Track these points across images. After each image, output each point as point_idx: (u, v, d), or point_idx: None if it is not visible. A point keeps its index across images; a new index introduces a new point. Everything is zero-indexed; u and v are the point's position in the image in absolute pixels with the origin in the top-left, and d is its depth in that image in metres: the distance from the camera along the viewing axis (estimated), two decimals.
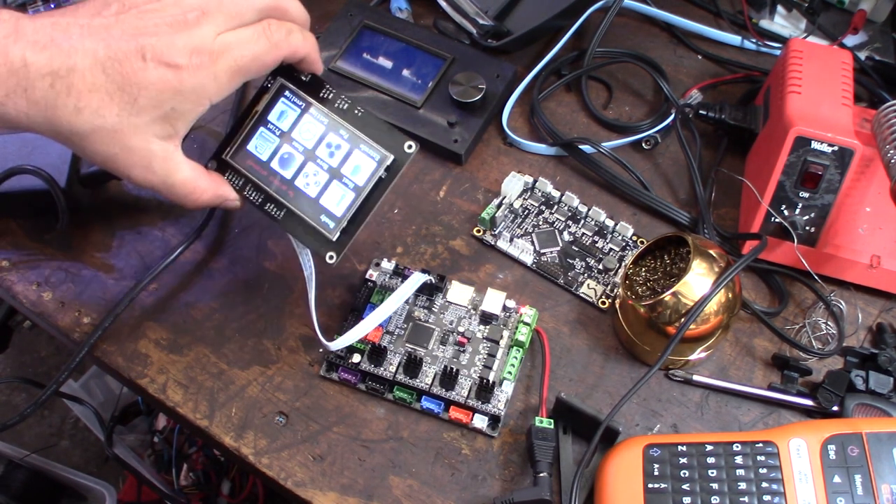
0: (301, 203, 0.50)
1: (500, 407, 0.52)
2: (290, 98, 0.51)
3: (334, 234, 0.50)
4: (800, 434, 0.48)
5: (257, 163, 0.51)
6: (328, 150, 0.50)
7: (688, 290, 0.50)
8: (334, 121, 0.50)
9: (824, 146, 0.54)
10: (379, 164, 0.50)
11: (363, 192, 0.50)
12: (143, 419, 1.15)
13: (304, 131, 0.51)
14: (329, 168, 0.50)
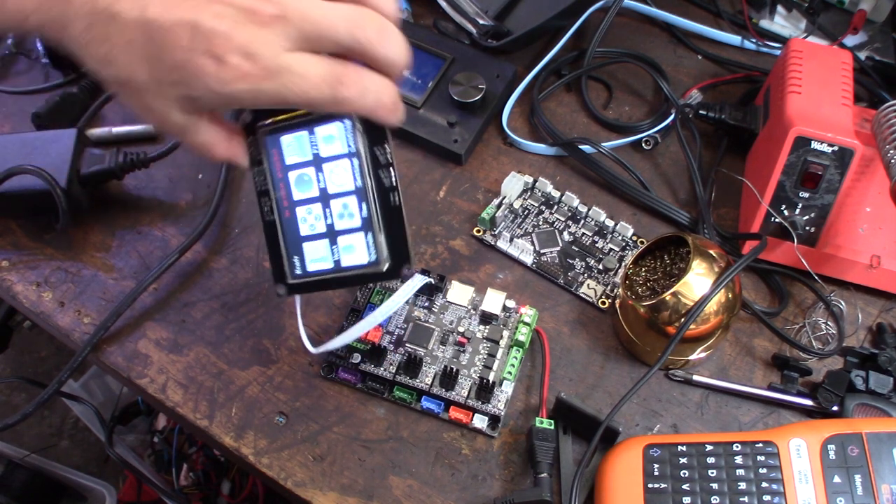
0: (289, 229, 0.46)
1: (500, 407, 0.52)
2: (348, 132, 0.44)
3: (293, 278, 0.46)
4: (800, 434, 0.48)
5: (279, 158, 0.45)
6: (341, 209, 0.45)
7: (688, 290, 0.50)
8: (366, 189, 0.44)
9: (824, 146, 0.54)
10: (370, 263, 0.44)
11: (339, 273, 0.45)
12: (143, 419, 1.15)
13: (335, 173, 0.44)
14: (329, 226, 0.45)
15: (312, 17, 0.37)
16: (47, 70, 0.71)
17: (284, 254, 0.46)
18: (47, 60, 0.69)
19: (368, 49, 0.39)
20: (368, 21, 0.38)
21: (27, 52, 0.72)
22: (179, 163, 0.65)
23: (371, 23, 0.38)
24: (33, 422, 1.33)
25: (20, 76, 0.71)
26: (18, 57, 0.72)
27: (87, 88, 0.68)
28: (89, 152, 0.60)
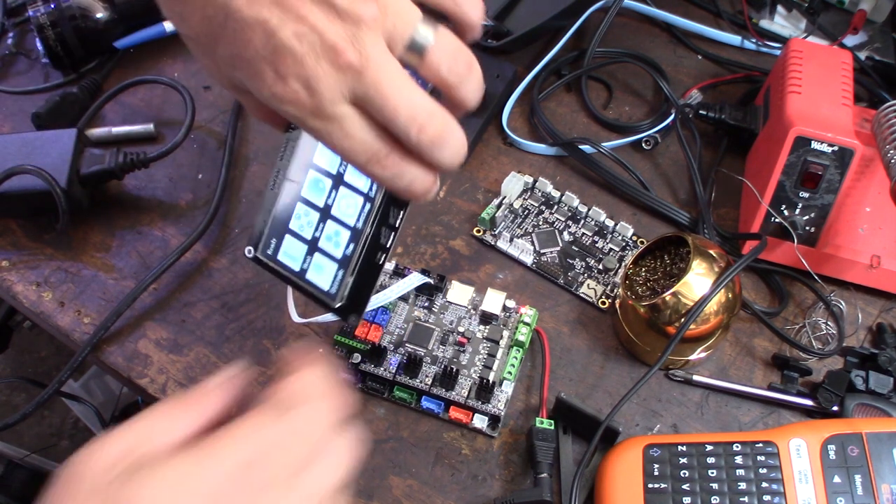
0: (283, 214, 0.45)
1: (500, 407, 0.52)
2: None
3: (262, 254, 0.45)
4: (800, 434, 0.48)
5: (309, 151, 0.45)
6: (332, 233, 0.44)
7: (688, 290, 0.50)
8: (362, 234, 0.43)
9: (824, 146, 0.54)
10: (326, 293, 0.43)
11: (299, 280, 0.44)
12: None
13: (345, 201, 0.44)
14: (314, 238, 0.44)
15: (384, 89, 0.35)
16: (47, 70, 0.71)
17: (267, 230, 0.46)
18: (47, 60, 0.69)
19: (419, 148, 0.36)
20: (431, 122, 0.36)
21: (27, 52, 0.72)
22: (179, 163, 0.65)
23: (433, 125, 0.36)
24: (33, 422, 1.33)
25: (20, 76, 0.71)
26: (18, 57, 0.72)
27: (87, 88, 0.68)
28: (89, 152, 0.60)
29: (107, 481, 0.28)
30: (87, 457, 0.29)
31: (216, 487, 0.28)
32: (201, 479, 0.29)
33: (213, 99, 0.69)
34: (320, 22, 0.34)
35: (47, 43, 0.67)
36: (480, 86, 0.38)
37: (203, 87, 0.69)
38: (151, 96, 0.69)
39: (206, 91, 0.69)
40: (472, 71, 0.37)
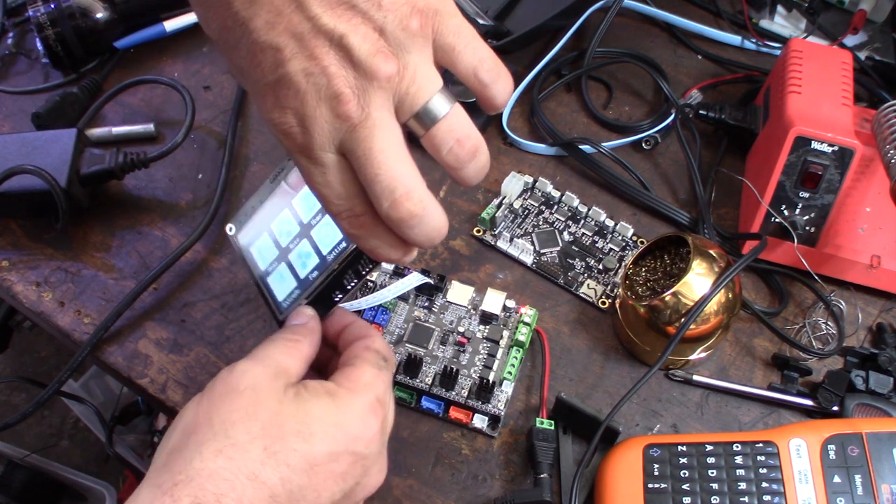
0: (269, 211, 0.47)
1: (500, 407, 0.52)
2: (246, 235, 0.47)
3: (238, 237, 0.48)
4: (800, 434, 0.48)
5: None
6: (302, 252, 0.45)
7: (688, 290, 0.50)
8: (328, 268, 0.43)
9: (824, 146, 0.54)
10: (277, 304, 0.45)
11: (259, 281, 0.46)
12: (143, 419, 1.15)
13: (325, 229, 0.45)
14: (286, 249, 0.45)
15: (372, 152, 0.34)
16: (47, 70, 0.71)
17: (251, 220, 0.47)
18: (47, 60, 0.69)
19: (388, 221, 0.36)
20: (407, 200, 0.35)
21: (27, 52, 0.72)
22: (179, 163, 0.65)
23: (408, 204, 0.35)
24: (33, 422, 1.33)
25: (20, 76, 0.71)
26: (18, 57, 0.72)
27: (87, 88, 0.68)
28: (89, 152, 0.60)
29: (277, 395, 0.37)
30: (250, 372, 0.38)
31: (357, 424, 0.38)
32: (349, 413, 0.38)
33: (213, 99, 0.69)
34: (333, 66, 0.33)
35: (47, 43, 0.67)
36: (483, 169, 0.39)
37: (203, 87, 0.69)
38: (151, 96, 0.69)
39: (206, 91, 0.69)
40: (476, 157, 0.38)
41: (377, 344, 0.43)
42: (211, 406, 0.36)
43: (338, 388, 0.39)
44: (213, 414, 0.36)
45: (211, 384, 0.38)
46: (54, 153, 0.58)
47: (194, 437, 0.35)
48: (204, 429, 0.35)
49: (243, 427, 0.35)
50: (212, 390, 0.37)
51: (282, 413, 0.36)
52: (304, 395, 0.38)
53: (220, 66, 0.71)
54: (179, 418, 0.37)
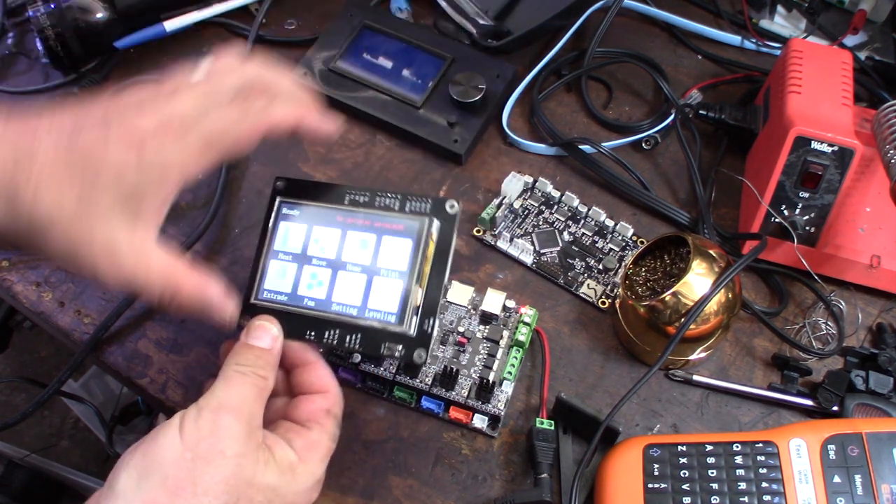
0: (352, 316, 0.45)
1: (499, 407, 0.52)
2: (291, 216, 0.47)
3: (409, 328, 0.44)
4: (800, 434, 0.48)
5: (286, 297, 0.46)
6: (355, 251, 0.46)
7: (688, 290, 0.50)
8: (349, 218, 0.46)
9: (824, 146, 0.54)
10: (416, 240, 0.45)
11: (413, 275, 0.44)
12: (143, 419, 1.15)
13: (321, 243, 0.46)
14: (364, 268, 0.45)
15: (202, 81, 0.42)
16: (47, 70, 0.71)
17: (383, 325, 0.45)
18: (47, 60, 0.69)
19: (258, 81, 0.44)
20: None
21: (27, 52, 0.72)
22: None
23: None
24: (33, 422, 1.33)
25: (20, 76, 0.71)
26: (18, 57, 0.72)
27: (87, 88, 0.68)
28: None
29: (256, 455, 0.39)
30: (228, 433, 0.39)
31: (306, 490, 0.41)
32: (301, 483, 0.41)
33: None
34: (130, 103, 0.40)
35: (47, 43, 0.67)
36: None
37: None
38: None
39: None
40: None
41: (337, 408, 0.44)
42: (195, 465, 0.37)
43: (298, 464, 0.40)
44: (197, 476, 0.37)
45: (191, 427, 0.39)
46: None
47: (182, 497, 0.36)
48: (188, 491, 0.36)
49: (225, 497, 0.37)
50: (196, 441, 0.38)
51: (254, 486, 0.38)
52: (272, 465, 0.39)
53: None
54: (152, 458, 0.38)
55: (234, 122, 0.41)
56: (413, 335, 0.43)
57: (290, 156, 0.66)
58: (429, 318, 0.43)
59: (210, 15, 0.72)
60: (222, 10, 0.72)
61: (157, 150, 0.39)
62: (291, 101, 0.44)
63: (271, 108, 0.42)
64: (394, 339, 0.44)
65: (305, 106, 0.44)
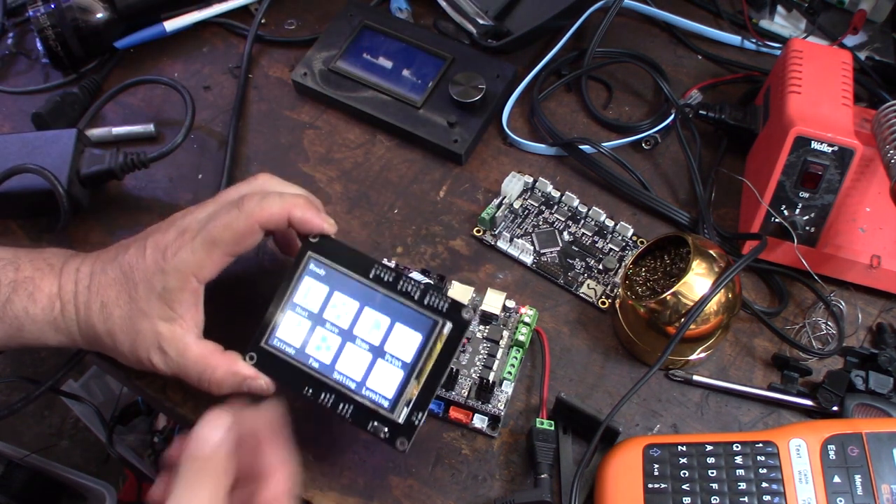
0: (349, 388, 0.47)
1: (499, 407, 0.52)
2: (316, 273, 0.49)
3: (399, 417, 0.45)
4: (800, 434, 0.48)
5: (294, 352, 0.48)
6: (367, 328, 0.47)
7: (688, 290, 0.50)
8: (369, 293, 0.47)
9: (824, 146, 0.54)
10: (426, 337, 0.46)
11: (415, 369, 0.46)
12: (143, 419, 1.15)
13: (338, 309, 0.48)
14: (371, 347, 0.47)
15: (221, 197, 0.50)
16: (47, 70, 0.71)
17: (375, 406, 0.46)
18: (47, 60, 0.69)
19: (258, 190, 0.50)
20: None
21: (27, 52, 0.72)
22: (179, 163, 0.65)
23: None
24: (33, 422, 1.33)
25: (20, 76, 0.71)
26: (18, 57, 0.72)
27: (87, 88, 0.68)
28: (89, 152, 0.60)
29: None
30: None
31: None
32: None
33: (213, 99, 0.69)
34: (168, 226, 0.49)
35: (47, 43, 0.67)
36: None
37: (203, 87, 0.70)
38: (151, 96, 0.69)
39: (206, 91, 0.70)
40: None
41: (288, 491, 0.43)
42: None
43: None
44: None
45: None
46: (54, 153, 0.58)
47: None
48: None
49: None
50: None
51: None
52: None
53: (220, 66, 0.71)
54: None
55: (231, 221, 0.47)
56: (401, 423, 0.45)
57: (290, 156, 0.66)
58: (418, 413, 0.45)
59: (210, 15, 0.72)
60: (222, 10, 0.72)
61: (173, 254, 0.47)
62: (282, 196, 0.48)
63: (264, 202, 0.47)
64: (382, 422, 0.46)
65: (293, 202, 0.48)
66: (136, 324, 0.48)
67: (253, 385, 0.49)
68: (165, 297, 0.47)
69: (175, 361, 0.48)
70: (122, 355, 0.49)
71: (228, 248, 0.48)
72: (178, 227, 0.48)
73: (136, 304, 0.47)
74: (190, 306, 0.48)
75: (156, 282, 0.47)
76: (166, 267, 0.47)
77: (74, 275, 0.49)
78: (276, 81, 0.70)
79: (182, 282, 0.47)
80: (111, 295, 0.48)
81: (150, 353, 0.48)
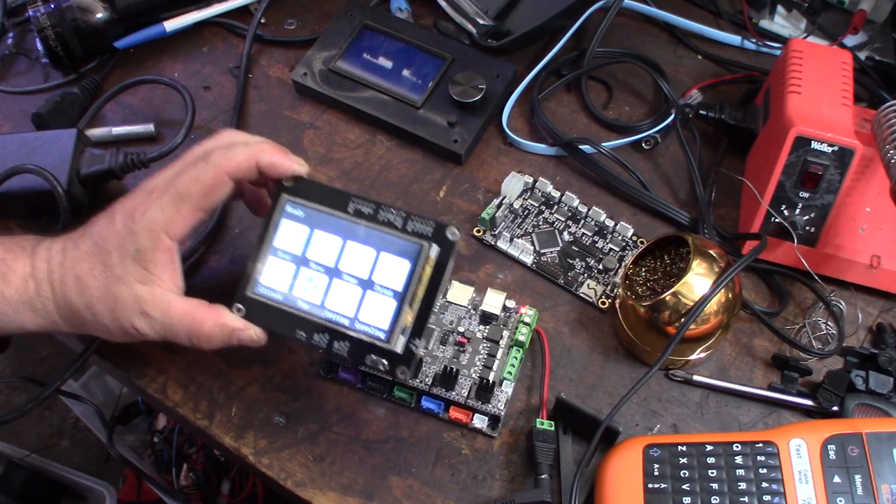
0: (343, 325, 0.46)
1: (499, 407, 0.52)
2: (294, 215, 0.48)
3: (396, 346, 0.45)
4: (800, 434, 0.48)
5: (281, 297, 0.48)
6: (352, 263, 0.47)
7: (688, 290, 0.50)
8: (351, 227, 0.47)
9: (824, 146, 0.54)
10: (414, 262, 0.45)
11: (407, 296, 0.45)
12: (143, 419, 1.15)
13: (320, 248, 0.47)
14: (359, 281, 0.46)
15: (186, 154, 0.49)
16: (47, 70, 0.71)
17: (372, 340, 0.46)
18: (47, 60, 0.69)
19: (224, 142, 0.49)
20: None
21: (27, 52, 0.72)
22: None
23: None
24: (33, 422, 1.33)
25: (20, 76, 0.71)
26: (18, 57, 0.72)
27: (87, 88, 0.68)
28: (89, 152, 0.60)
29: None
30: None
31: None
32: None
33: (213, 99, 0.69)
34: None
35: (47, 43, 0.67)
36: None
37: (203, 87, 0.70)
38: (151, 96, 0.69)
39: (206, 91, 0.70)
40: None
41: None
42: None
43: None
44: None
45: None
46: (54, 153, 0.58)
47: None
48: None
49: None
50: None
51: None
52: None
53: (220, 66, 0.71)
54: None
55: (199, 174, 0.47)
56: (400, 353, 0.45)
57: None
58: (415, 339, 0.45)
59: (210, 15, 0.72)
60: (222, 10, 0.72)
61: (142, 214, 0.46)
62: (247, 144, 0.48)
63: (230, 152, 0.47)
64: (380, 354, 0.45)
65: (260, 148, 0.48)
66: (114, 291, 0.46)
67: (243, 336, 0.48)
68: (139, 258, 0.46)
69: (160, 322, 0.47)
70: (105, 328, 0.48)
71: (198, 202, 0.47)
72: (144, 190, 0.47)
73: (112, 271, 0.46)
74: (166, 265, 0.47)
75: (128, 245, 0.46)
76: (136, 228, 0.46)
77: (46, 254, 0.48)
78: (276, 81, 0.70)
79: (154, 241, 0.46)
80: (85, 268, 0.47)
81: (133, 319, 0.47)
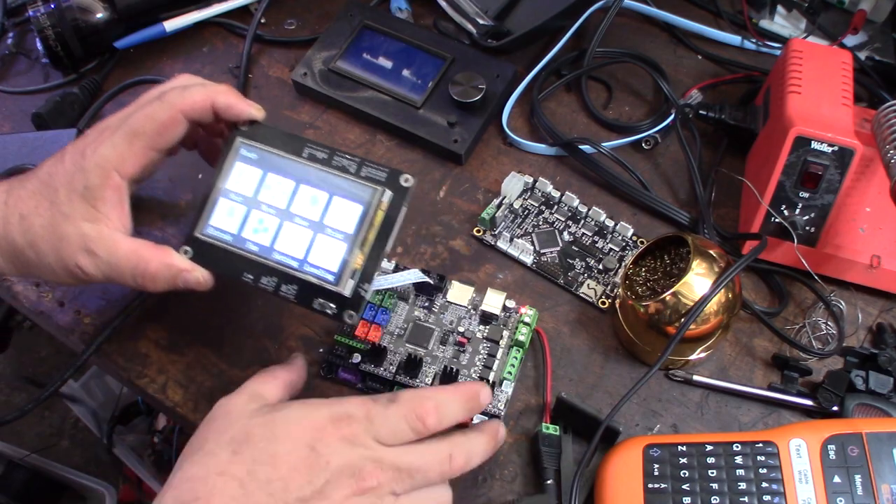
0: (291, 267, 0.46)
1: (500, 407, 0.52)
2: (248, 157, 0.48)
3: (345, 289, 0.45)
4: (800, 434, 0.48)
5: (230, 238, 0.48)
6: (305, 206, 0.47)
7: (688, 290, 0.50)
8: (305, 171, 0.47)
9: (824, 146, 0.54)
10: (366, 207, 0.46)
11: (357, 239, 0.45)
12: (143, 419, 1.15)
13: (273, 191, 0.47)
14: (311, 223, 0.46)
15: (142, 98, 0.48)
16: (47, 70, 0.71)
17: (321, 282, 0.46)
18: (47, 60, 0.69)
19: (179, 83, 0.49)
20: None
21: (27, 52, 0.72)
22: (179, 163, 0.65)
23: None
24: (33, 422, 1.33)
25: (20, 76, 0.71)
26: (18, 57, 0.72)
27: (87, 88, 0.68)
28: None
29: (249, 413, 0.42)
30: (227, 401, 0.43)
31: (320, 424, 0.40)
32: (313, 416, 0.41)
33: None
34: None
35: (47, 43, 0.67)
36: None
37: None
38: None
39: None
40: None
41: None
42: (197, 433, 0.42)
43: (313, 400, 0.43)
44: (195, 438, 0.42)
45: None
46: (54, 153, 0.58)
47: (182, 458, 0.41)
48: (188, 450, 0.41)
49: (214, 440, 0.41)
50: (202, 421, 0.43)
51: (250, 425, 0.41)
52: (277, 407, 0.42)
53: (220, 66, 0.71)
54: None
55: (153, 111, 0.46)
56: (348, 296, 0.45)
57: None
58: (365, 284, 0.45)
59: (210, 15, 0.72)
60: (222, 10, 0.72)
61: (93, 151, 0.46)
62: (204, 85, 0.48)
63: (186, 91, 0.47)
64: (328, 297, 0.45)
65: (216, 89, 0.48)
66: (60, 229, 0.45)
67: (189, 278, 0.47)
68: (88, 196, 0.45)
69: (105, 261, 0.46)
70: (49, 268, 0.47)
71: (151, 140, 0.46)
72: (97, 129, 0.47)
73: (58, 208, 0.45)
74: (115, 204, 0.46)
75: (77, 181, 0.45)
76: (86, 164, 0.45)
77: None
78: (276, 81, 0.70)
79: (104, 178, 0.45)
80: (30, 206, 0.46)
81: (77, 257, 0.46)
